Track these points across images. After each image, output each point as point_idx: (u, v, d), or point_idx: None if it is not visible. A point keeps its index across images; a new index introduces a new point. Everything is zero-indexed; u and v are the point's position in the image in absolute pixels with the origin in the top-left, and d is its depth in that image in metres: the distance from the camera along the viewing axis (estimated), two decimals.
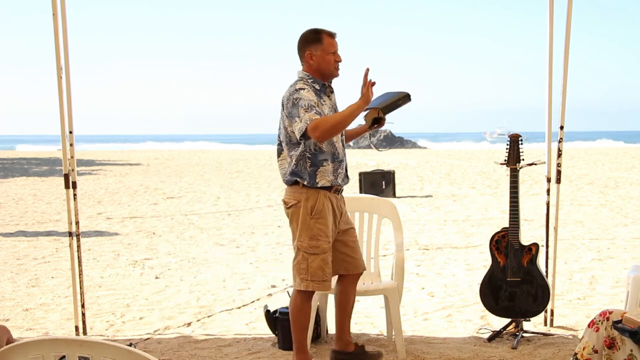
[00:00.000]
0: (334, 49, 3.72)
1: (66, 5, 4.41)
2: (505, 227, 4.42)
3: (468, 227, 9.41)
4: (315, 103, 3.62)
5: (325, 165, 3.70)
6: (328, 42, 3.71)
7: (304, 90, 3.65)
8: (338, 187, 3.80)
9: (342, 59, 3.75)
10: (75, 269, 4.68)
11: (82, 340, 1.84)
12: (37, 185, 16.85)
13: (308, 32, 3.75)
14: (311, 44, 3.71)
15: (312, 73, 3.73)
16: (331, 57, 3.70)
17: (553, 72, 4.59)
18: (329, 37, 3.72)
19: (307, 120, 3.54)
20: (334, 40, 3.73)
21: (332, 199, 3.77)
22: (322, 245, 3.70)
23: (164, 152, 39.46)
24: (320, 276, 3.70)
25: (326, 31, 3.73)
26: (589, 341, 2.78)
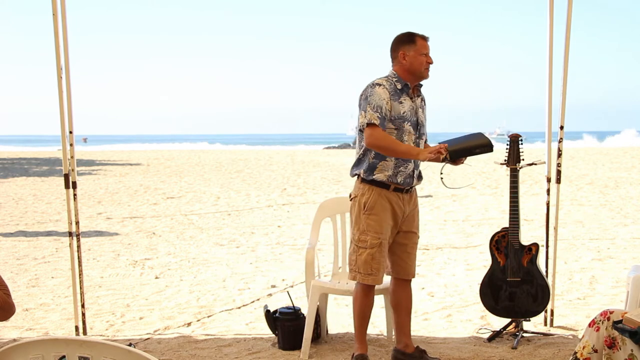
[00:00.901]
0: (426, 51, 3.83)
1: (66, 5, 4.41)
2: (505, 227, 4.42)
3: (468, 227, 9.41)
4: (387, 102, 3.71)
5: (387, 160, 3.79)
6: (421, 43, 3.82)
7: (380, 87, 3.76)
8: (398, 186, 3.82)
9: (433, 61, 3.84)
10: (75, 269, 4.68)
11: (82, 340, 1.83)
12: (37, 185, 16.84)
13: (402, 34, 3.88)
14: (405, 44, 3.82)
15: (401, 73, 3.83)
16: (423, 58, 3.81)
17: (553, 72, 4.59)
18: (422, 39, 3.84)
19: (369, 119, 3.69)
20: (427, 43, 3.84)
21: (391, 198, 3.81)
22: (370, 241, 3.79)
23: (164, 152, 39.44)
24: (367, 270, 3.82)
25: (420, 34, 3.85)
26: (589, 341, 2.78)
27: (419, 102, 3.91)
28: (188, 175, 19.75)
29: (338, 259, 4.63)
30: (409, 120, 3.80)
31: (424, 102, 3.98)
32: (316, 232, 4.61)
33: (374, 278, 3.84)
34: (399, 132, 3.78)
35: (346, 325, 4.82)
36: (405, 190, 3.86)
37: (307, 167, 22.58)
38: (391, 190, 3.81)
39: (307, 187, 15.64)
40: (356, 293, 3.93)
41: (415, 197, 3.97)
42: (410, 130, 3.81)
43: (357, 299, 3.92)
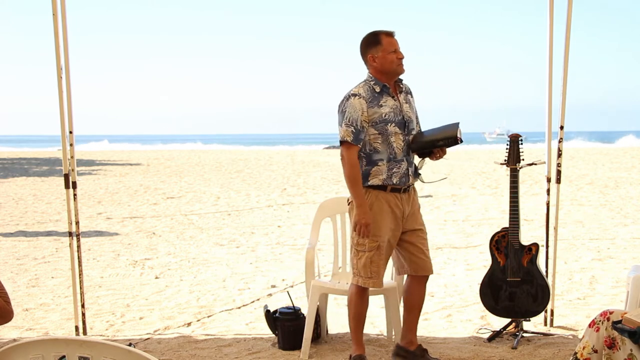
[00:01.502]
0: (394, 47, 3.80)
1: (66, 5, 4.41)
2: (505, 227, 4.42)
3: (468, 227, 9.41)
4: (363, 112, 3.72)
5: (379, 165, 3.79)
6: (387, 41, 3.79)
7: (355, 97, 3.75)
8: (395, 187, 3.81)
9: (404, 55, 3.80)
10: (75, 269, 4.68)
11: (82, 340, 1.83)
12: (37, 185, 16.84)
13: (367, 36, 3.85)
14: (371, 47, 3.81)
15: (377, 75, 3.82)
16: (393, 56, 3.78)
17: (553, 72, 4.58)
18: (387, 36, 3.80)
19: (343, 136, 3.74)
20: (393, 39, 3.81)
21: (389, 199, 3.81)
22: (368, 244, 3.79)
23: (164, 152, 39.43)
24: (366, 273, 3.82)
25: (384, 31, 3.81)
26: (589, 341, 2.78)
27: (403, 98, 3.87)
28: (188, 175, 19.75)
29: (338, 259, 4.63)
30: (392, 121, 3.78)
31: (410, 95, 3.94)
32: (316, 232, 4.61)
33: (374, 281, 3.84)
34: (384, 136, 3.77)
35: (346, 325, 4.80)
36: (403, 190, 3.85)
37: (307, 167, 22.58)
38: (388, 192, 3.81)
39: (307, 187, 15.64)
40: (351, 295, 3.94)
41: (414, 195, 3.95)
42: (395, 130, 3.79)
43: (352, 300, 3.93)
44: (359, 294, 3.91)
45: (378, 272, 3.84)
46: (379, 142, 3.77)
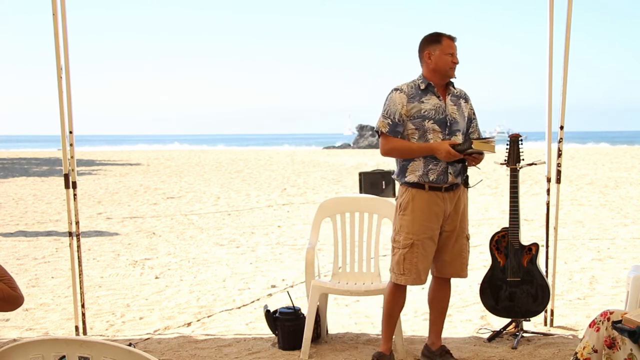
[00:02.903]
0: (452, 51, 3.83)
1: (66, 5, 4.41)
2: (505, 227, 4.42)
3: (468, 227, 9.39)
4: (403, 106, 3.78)
5: (416, 161, 3.82)
6: (447, 43, 3.83)
7: (397, 92, 3.82)
8: (433, 185, 3.81)
9: (459, 61, 3.83)
10: (75, 269, 4.68)
11: (82, 340, 1.83)
12: (37, 185, 16.84)
13: (429, 34, 3.91)
14: (431, 44, 3.85)
15: (427, 73, 3.87)
16: (448, 58, 3.81)
17: (553, 72, 4.59)
18: (449, 39, 3.84)
19: (378, 127, 3.86)
20: (453, 43, 3.85)
21: (428, 197, 3.82)
22: (402, 241, 3.83)
23: (164, 152, 39.45)
24: (399, 269, 3.85)
25: (446, 34, 3.86)
26: (589, 341, 2.79)
27: (451, 100, 3.87)
28: (188, 175, 19.75)
29: (338, 259, 4.63)
30: (431, 118, 3.79)
31: (464, 100, 3.94)
32: (316, 232, 4.61)
33: (405, 278, 3.85)
34: (420, 131, 3.79)
35: (346, 325, 4.82)
36: (445, 189, 3.83)
37: (307, 167, 22.59)
38: (427, 190, 3.81)
39: (307, 187, 15.64)
40: (387, 290, 3.99)
41: (461, 196, 3.94)
42: (434, 128, 3.79)
43: (387, 296, 3.99)
44: (393, 291, 3.95)
45: (410, 270, 3.83)
46: (416, 137, 3.80)
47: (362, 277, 4.50)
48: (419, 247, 3.81)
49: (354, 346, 4.34)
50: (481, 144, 3.77)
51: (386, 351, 3.98)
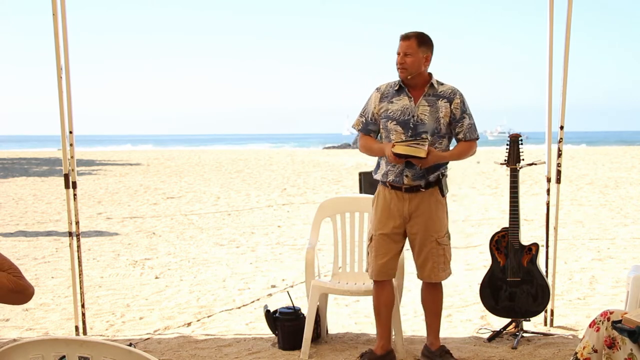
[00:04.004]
0: (399, 50, 3.85)
1: (66, 5, 4.41)
2: (505, 227, 4.42)
3: (468, 227, 9.40)
4: (375, 106, 3.92)
5: (382, 160, 3.96)
6: (399, 43, 3.86)
7: (375, 91, 3.97)
8: (393, 185, 3.88)
9: (401, 62, 3.81)
10: (75, 269, 4.68)
11: (82, 340, 1.83)
12: (37, 185, 16.84)
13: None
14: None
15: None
16: (397, 58, 3.86)
17: (553, 72, 4.58)
18: (400, 39, 3.87)
19: (354, 124, 4.09)
20: (402, 42, 3.85)
21: (389, 196, 3.90)
22: (369, 235, 3.98)
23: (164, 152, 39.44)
24: (368, 263, 4.00)
25: (402, 34, 3.88)
26: (589, 341, 2.79)
27: (427, 101, 3.83)
28: (188, 175, 19.76)
29: (338, 259, 4.63)
30: (395, 119, 3.84)
31: (445, 99, 3.84)
32: (316, 232, 4.61)
33: (369, 271, 3.98)
34: (385, 131, 3.91)
35: (346, 325, 4.82)
36: (406, 190, 3.85)
37: (307, 167, 22.58)
38: (390, 189, 3.90)
39: (307, 187, 15.64)
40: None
41: (427, 199, 3.86)
42: (396, 129, 3.83)
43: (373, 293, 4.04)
44: (374, 287, 4.02)
45: (370, 264, 3.97)
46: (384, 137, 3.92)
47: (362, 277, 4.49)
48: (376, 242, 3.92)
49: (354, 346, 4.34)
50: (404, 147, 3.71)
51: (377, 350, 3.97)
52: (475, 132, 3.94)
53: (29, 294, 2.65)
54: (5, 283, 2.56)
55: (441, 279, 3.97)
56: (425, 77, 3.87)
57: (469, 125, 3.90)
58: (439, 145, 3.85)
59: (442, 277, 3.97)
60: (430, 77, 3.89)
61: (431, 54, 3.87)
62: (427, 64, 3.86)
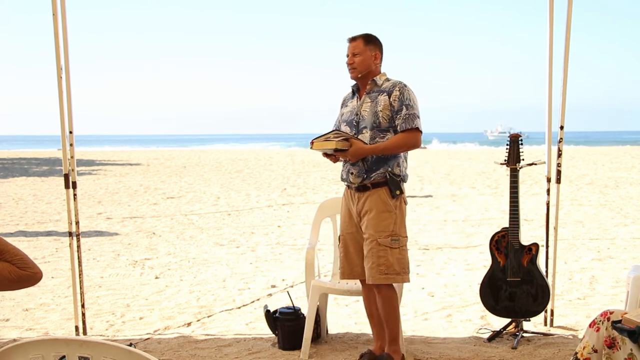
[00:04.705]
0: (347, 52, 3.90)
1: (66, 5, 4.41)
2: (505, 227, 4.42)
3: (468, 227, 9.41)
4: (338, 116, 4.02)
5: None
6: (347, 47, 3.91)
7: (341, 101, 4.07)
8: (347, 183, 3.95)
9: (350, 62, 3.86)
10: (75, 269, 4.68)
11: (82, 340, 1.83)
12: (37, 185, 16.84)
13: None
14: None
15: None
16: (347, 60, 3.91)
17: (553, 72, 4.59)
18: (347, 42, 3.91)
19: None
20: (349, 44, 3.90)
21: (347, 194, 3.98)
22: (338, 236, 4.03)
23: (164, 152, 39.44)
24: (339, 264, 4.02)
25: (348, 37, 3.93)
26: (589, 341, 2.79)
27: (369, 98, 3.83)
28: (188, 175, 19.75)
29: (338, 259, 4.63)
30: (345, 120, 3.93)
31: (386, 93, 3.78)
32: (316, 232, 4.61)
33: (340, 272, 4.02)
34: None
35: (346, 325, 4.82)
36: (356, 188, 3.85)
37: (307, 167, 22.58)
38: (347, 188, 3.97)
39: (307, 187, 15.64)
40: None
41: (370, 197, 3.78)
42: (347, 129, 3.89)
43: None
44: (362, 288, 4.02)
45: (342, 266, 4.00)
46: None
47: None
48: (342, 242, 3.98)
49: (354, 346, 4.34)
50: (319, 142, 3.75)
51: (376, 350, 3.96)
52: (412, 121, 3.72)
53: (35, 280, 2.67)
54: (5, 275, 2.58)
55: (379, 282, 3.75)
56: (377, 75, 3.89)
57: (406, 115, 3.73)
58: (380, 140, 3.76)
59: (380, 280, 3.74)
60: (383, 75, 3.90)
61: (380, 53, 3.88)
62: (376, 62, 3.87)
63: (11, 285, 2.60)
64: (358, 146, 3.72)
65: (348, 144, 3.73)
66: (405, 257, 3.81)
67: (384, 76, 3.90)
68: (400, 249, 3.77)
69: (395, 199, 3.76)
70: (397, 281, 3.78)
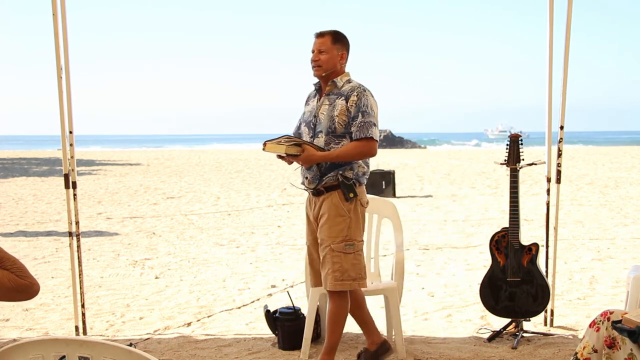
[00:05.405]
0: (313, 48, 3.75)
1: (66, 5, 4.41)
2: (505, 227, 4.42)
3: (468, 227, 9.41)
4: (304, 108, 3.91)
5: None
6: (313, 42, 3.77)
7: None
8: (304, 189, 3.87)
9: (315, 59, 3.71)
10: (75, 269, 4.68)
11: (82, 340, 1.83)
12: (37, 185, 16.84)
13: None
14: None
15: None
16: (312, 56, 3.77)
17: (553, 72, 4.59)
18: (314, 37, 3.77)
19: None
20: (315, 40, 3.75)
21: (306, 200, 3.91)
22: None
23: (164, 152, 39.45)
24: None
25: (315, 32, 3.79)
26: (589, 341, 2.79)
27: (328, 100, 3.72)
28: (188, 175, 19.76)
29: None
30: (304, 121, 3.86)
31: (344, 97, 3.67)
32: None
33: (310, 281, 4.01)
34: (301, 134, 3.87)
35: (346, 325, 4.81)
36: (312, 193, 3.80)
37: None
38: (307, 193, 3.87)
39: None
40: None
41: (325, 202, 3.70)
42: (305, 130, 3.82)
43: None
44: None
45: (309, 272, 3.98)
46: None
47: None
48: (308, 251, 3.93)
49: (354, 346, 4.34)
50: (271, 145, 3.64)
51: (370, 346, 3.95)
52: (367, 130, 3.60)
53: (33, 292, 2.64)
54: (5, 283, 2.56)
55: (334, 288, 3.67)
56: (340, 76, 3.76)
57: (361, 123, 3.61)
58: (335, 146, 3.66)
59: (335, 287, 3.66)
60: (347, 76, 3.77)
61: (347, 53, 3.76)
62: (342, 62, 3.75)
63: (9, 293, 2.59)
64: (310, 153, 3.61)
65: (300, 149, 3.62)
66: (361, 262, 3.72)
67: (346, 77, 3.76)
68: (355, 254, 3.67)
69: (349, 202, 3.66)
70: (353, 287, 3.70)
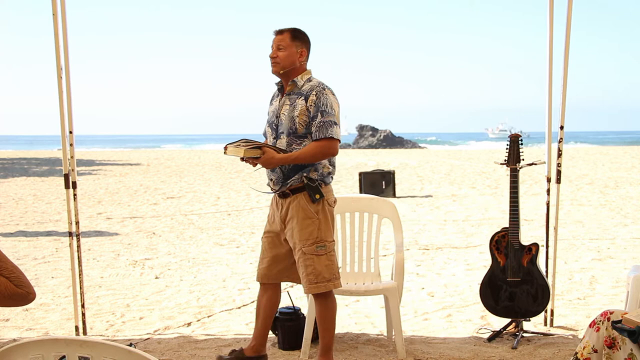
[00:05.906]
0: (272, 45, 3.70)
1: (66, 5, 4.41)
2: (505, 227, 4.42)
3: (468, 227, 9.41)
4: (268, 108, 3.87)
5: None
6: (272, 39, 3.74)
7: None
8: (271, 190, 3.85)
9: (273, 55, 3.68)
10: (75, 269, 4.68)
11: (82, 340, 1.83)
12: (37, 185, 16.84)
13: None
14: None
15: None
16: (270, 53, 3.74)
17: (553, 72, 4.59)
18: (273, 34, 3.74)
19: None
20: (274, 37, 3.72)
21: (273, 201, 3.89)
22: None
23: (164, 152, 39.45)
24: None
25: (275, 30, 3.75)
26: (590, 341, 2.79)
27: (289, 100, 3.69)
28: (188, 175, 19.76)
29: (338, 259, 4.63)
30: (268, 121, 3.83)
31: (304, 97, 3.64)
32: None
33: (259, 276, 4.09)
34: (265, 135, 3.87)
35: (346, 325, 4.81)
36: (278, 195, 3.78)
37: None
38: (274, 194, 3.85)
39: None
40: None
41: (292, 204, 3.70)
42: (268, 131, 3.81)
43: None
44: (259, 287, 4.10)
45: (262, 268, 4.07)
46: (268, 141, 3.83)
47: (362, 277, 4.49)
48: (262, 244, 4.00)
49: (354, 346, 4.34)
50: (232, 148, 3.63)
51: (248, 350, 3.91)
52: (327, 130, 3.57)
53: (28, 300, 2.65)
54: (1, 290, 2.57)
55: (311, 291, 3.70)
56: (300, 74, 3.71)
57: (321, 123, 3.57)
58: (297, 147, 3.63)
59: (312, 290, 3.69)
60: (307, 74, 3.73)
61: (307, 50, 3.71)
62: (302, 59, 3.69)
63: (4, 300, 2.59)
64: (270, 155, 3.58)
65: (260, 152, 3.59)
66: (334, 263, 3.72)
67: (307, 75, 3.71)
68: (327, 255, 3.67)
69: (316, 203, 3.65)
70: (328, 288, 3.69)
